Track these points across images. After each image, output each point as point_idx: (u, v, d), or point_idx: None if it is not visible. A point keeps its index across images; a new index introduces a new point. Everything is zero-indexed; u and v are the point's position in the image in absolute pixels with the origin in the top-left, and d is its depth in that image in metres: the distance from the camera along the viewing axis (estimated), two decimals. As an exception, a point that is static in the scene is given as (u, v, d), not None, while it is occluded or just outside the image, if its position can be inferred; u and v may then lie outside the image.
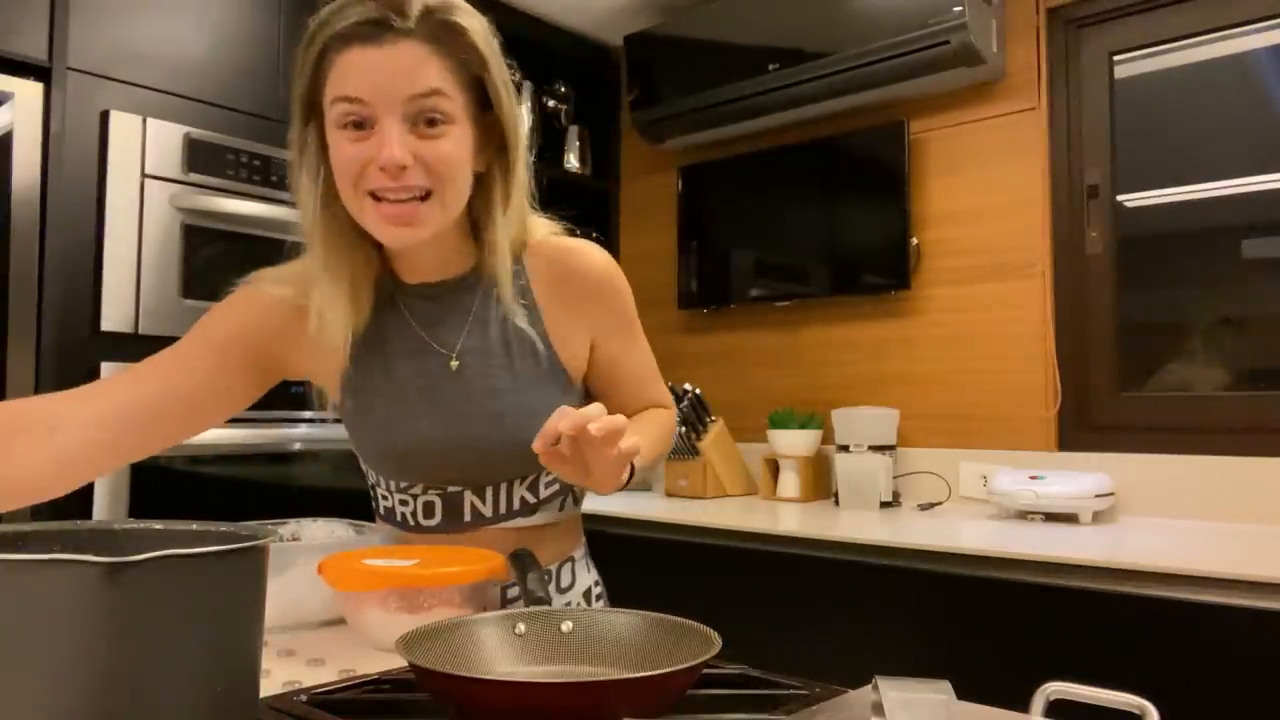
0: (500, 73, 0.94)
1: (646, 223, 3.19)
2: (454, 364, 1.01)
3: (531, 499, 1.06)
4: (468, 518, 1.06)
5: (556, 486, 1.08)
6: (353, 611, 0.97)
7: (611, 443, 0.81)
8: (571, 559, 1.14)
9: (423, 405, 1.02)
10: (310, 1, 0.90)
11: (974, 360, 2.46)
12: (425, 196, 0.90)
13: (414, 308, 1.02)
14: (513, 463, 1.03)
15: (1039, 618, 1.67)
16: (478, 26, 0.92)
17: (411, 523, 1.08)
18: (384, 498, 1.10)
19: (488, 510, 1.06)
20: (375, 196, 0.90)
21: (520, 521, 1.07)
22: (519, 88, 0.98)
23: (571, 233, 1.10)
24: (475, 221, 1.01)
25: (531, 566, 0.93)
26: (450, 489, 1.05)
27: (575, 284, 1.04)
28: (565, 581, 1.13)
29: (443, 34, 0.89)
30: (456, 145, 0.91)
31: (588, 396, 1.12)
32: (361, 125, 0.88)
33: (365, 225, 0.93)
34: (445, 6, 0.90)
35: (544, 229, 1.06)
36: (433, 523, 1.07)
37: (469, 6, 0.93)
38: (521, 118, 0.98)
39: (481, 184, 0.98)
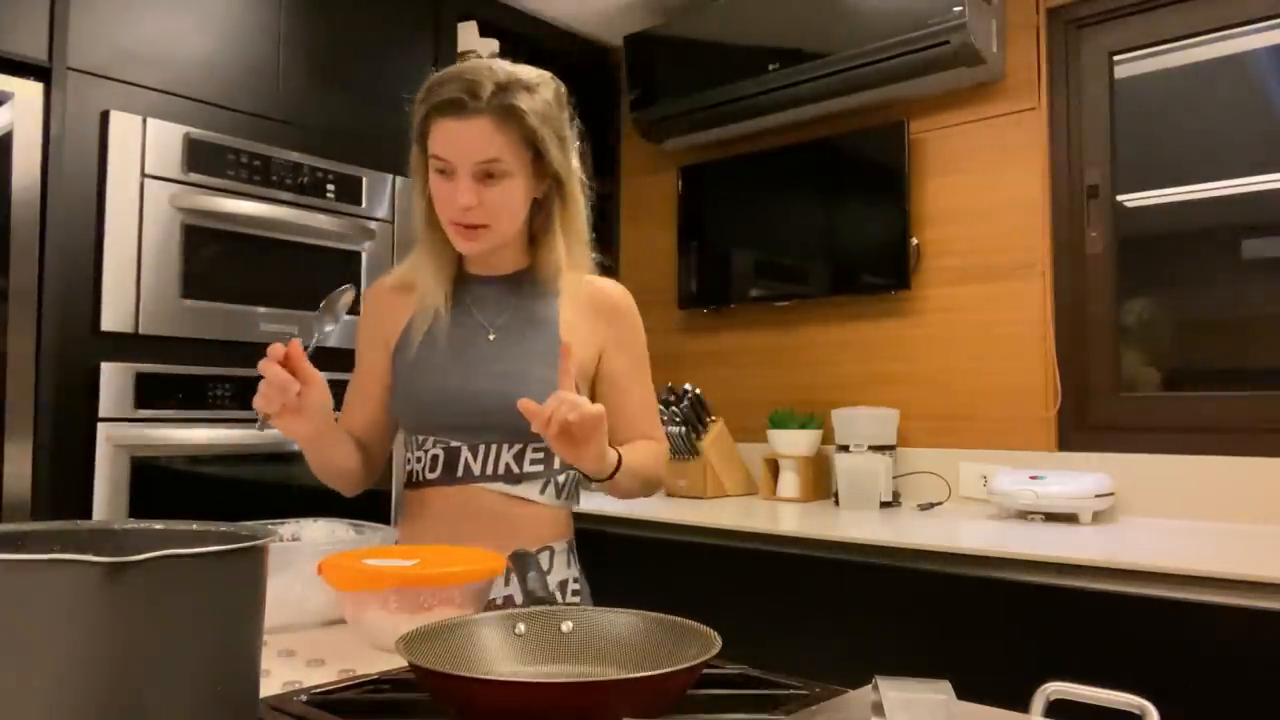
0: (551, 136, 1.22)
1: (646, 223, 3.19)
2: (491, 336, 1.29)
3: (515, 468, 1.27)
4: (460, 473, 1.27)
5: (540, 468, 1.28)
6: (353, 611, 0.97)
7: (580, 428, 1.07)
8: (550, 549, 1.29)
9: (450, 360, 1.28)
10: (310, 3, 0.91)
11: (974, 360, 2.46)
12: (484, 226, 1.23)
13: (471, 292, 1.33)
14: (501, 416, 1.20)
15: (1039, 618, 1.67)
16: (535, 105, 1.20)
17: (419, 479, 1.30)
18: (407, 461, 1.33)
19: (477, 468, 1.27)
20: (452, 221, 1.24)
21: (503, 487, 1.27)
22: (578, 136, 1.29)
23: None
24: (532, 234, 1.32)
25: (532, 566, 0.93)
26: (452, 443, 1.27)
27: (594, 299, 1.33)
28: (544, 567, 1.27)
29: (504, 113, 1.18)
30: (510, 192, 1.22)
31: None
32: (446, 174, 1.21)
33: (449, 237, 1.26)
34: (509, 88, 1.18)
35: (588, 268, 1.35)
36: (434, 475, 1.28)
37: (532, 81, 1.21)
38: (571, 167, 1.27)
39: (541, 207, 1.29)
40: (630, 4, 2.90)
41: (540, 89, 1.22)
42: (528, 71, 1.22)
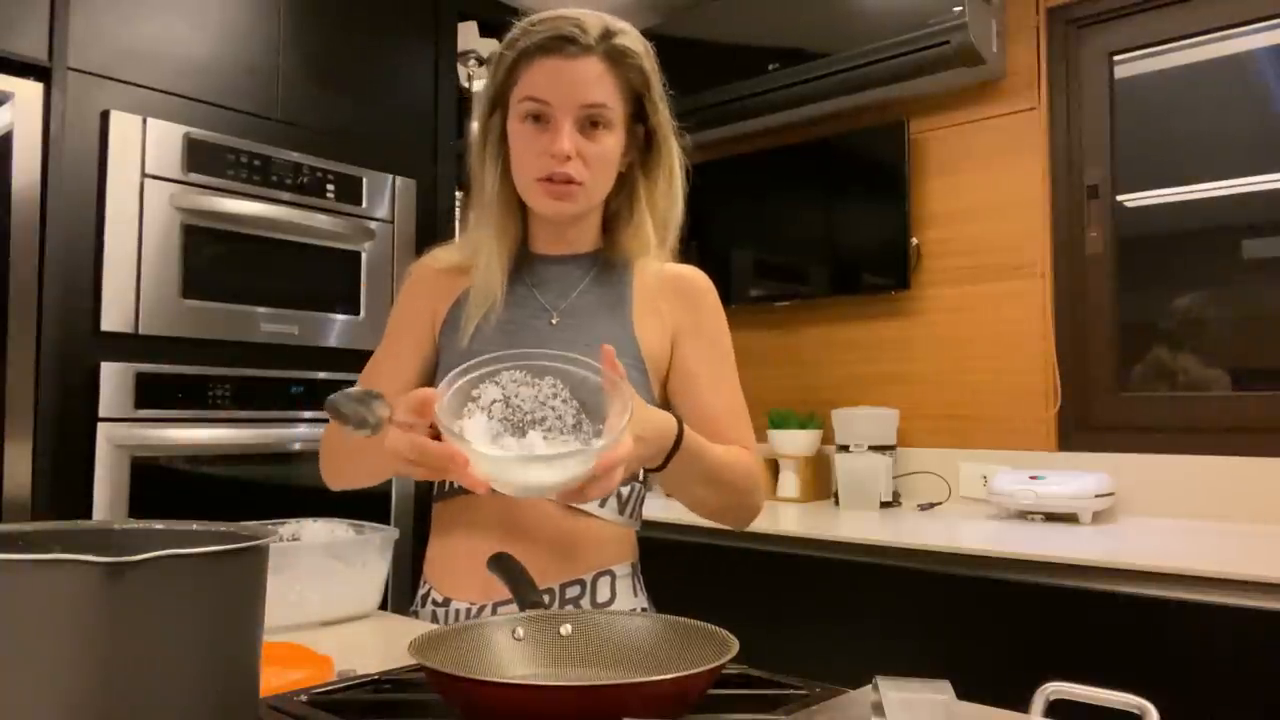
0: (657, 90, 1.14)
1: (646, 223, 3.19)
2: (554, 320, 1.15)
3: None
4: None
5: None
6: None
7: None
8: (612, 573, 1.13)
9: (503, 345, 1.12)
10: (310, 3, 0.91)
11: (974, 360, 2.45)
12: (579, 183, 1.09)
13: (535, 274, 1.19)
14: None
15: (1039, 618, 1.67)
16: (643, 50, 1.12)
17: (456, 485, 1.11)
18: None
19: None
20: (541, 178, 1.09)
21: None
22: (671, 100, 1.17)
23: None
24: (610, 214, 1.20)
25: (520, 571, 0.89)
26: None
27: (669, 282, 1.19)
28: (603, 596, 1.11)
29: (615, 55, 1.08)
30: (610, 147, 1.10)
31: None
32: (540, 120, 1.07)
33: (530, 198, 1.12)
34: (618, 31, 1.09)
35: (667, 255, 1.21)
36: None
37: (635, 32, 1.12)
38: (672, 127, 1.17)
39: (623, 182, 1.17)
40: (630, 4, 2.90)
41: (641, 41, 1.13)
42: (626, 24, 1.12)
